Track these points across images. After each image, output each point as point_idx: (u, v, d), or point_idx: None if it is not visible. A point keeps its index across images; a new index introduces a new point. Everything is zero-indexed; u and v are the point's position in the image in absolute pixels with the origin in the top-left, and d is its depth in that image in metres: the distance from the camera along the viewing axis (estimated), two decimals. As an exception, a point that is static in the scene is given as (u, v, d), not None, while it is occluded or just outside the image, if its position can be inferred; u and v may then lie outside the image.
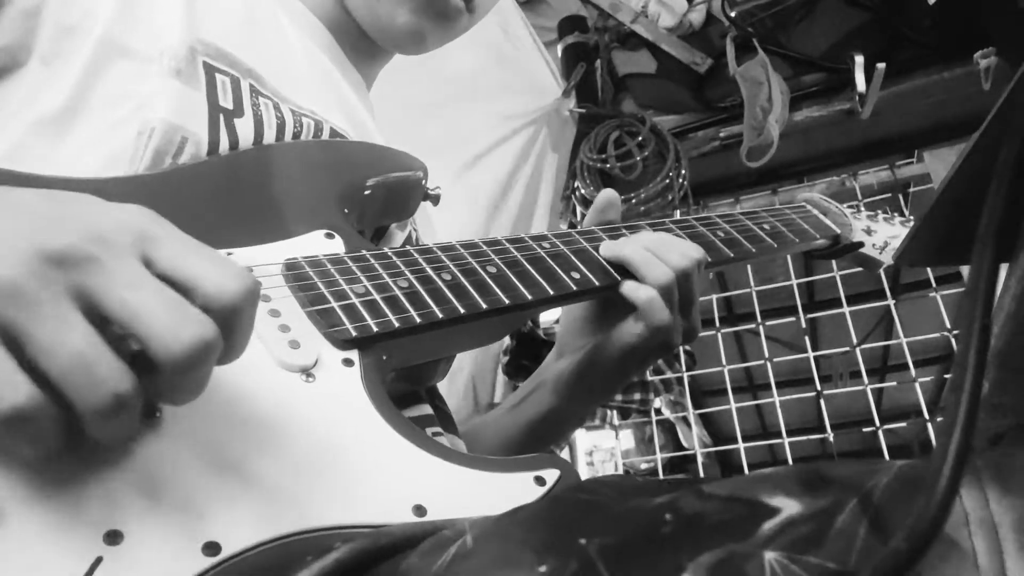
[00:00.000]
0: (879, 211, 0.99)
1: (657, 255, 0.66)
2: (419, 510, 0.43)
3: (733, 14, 2.04)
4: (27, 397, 0.31)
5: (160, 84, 0.59)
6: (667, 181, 1.96)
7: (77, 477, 0.36)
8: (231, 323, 0.36)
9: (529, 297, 0.59)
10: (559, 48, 2.30)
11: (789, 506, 0.32)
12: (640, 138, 2.00)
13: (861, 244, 0.91)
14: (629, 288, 0.65)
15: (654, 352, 0.67)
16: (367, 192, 0.67)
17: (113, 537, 0.35)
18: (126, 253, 0.35)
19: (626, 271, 0.66)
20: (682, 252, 0.67)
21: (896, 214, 0.99)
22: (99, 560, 0.34)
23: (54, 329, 0.32)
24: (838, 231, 0.89)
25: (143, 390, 0.34)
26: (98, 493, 0.36)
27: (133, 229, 0.36)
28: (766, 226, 0.81)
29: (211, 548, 0.36)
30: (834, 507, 0.31)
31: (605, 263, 0.66)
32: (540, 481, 0.47)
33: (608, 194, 0.75)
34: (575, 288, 0.62)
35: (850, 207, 0.96)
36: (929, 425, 1.95)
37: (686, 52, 2.14)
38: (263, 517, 0.38)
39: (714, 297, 2.22)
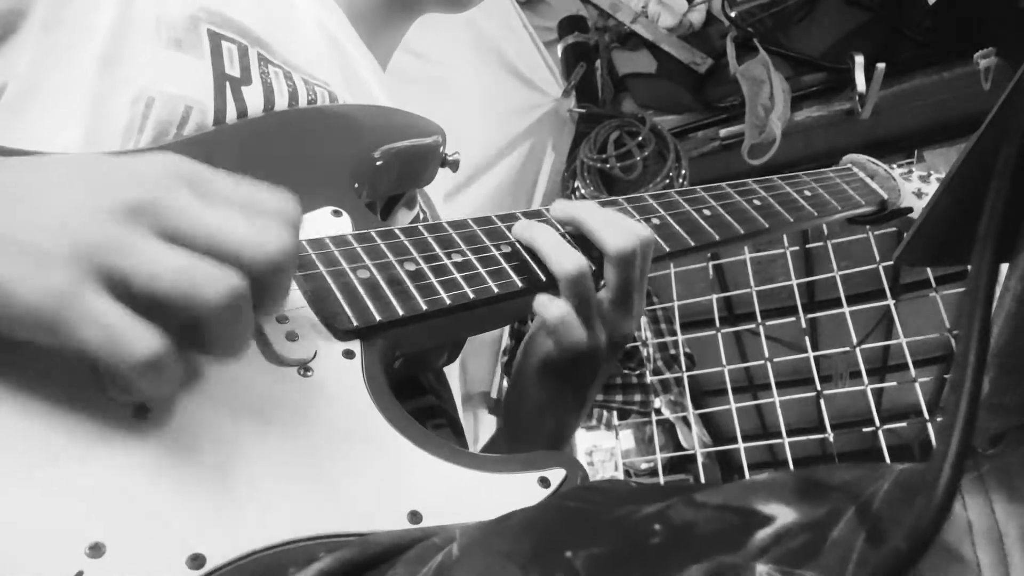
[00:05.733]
0: (931, 172, 0.90)
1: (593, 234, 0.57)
2: (415, 516, 0.41)
3: (733, 14, 2.03)
4: (157, 341, 0.33)
5: (159, 56, 0.57)
6: (667, 181, 1.96)
7: (61, 485, 0.35)
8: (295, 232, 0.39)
9: (543, 279, 0.55)
10: (559, 48, 2.30)
11: (784, 514, 0.30)
12: (640, 138, 2.00)
13: (910, 210, 0.84)
14: (540, 304, 0.55)
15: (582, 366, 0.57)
16: (378, 163, 0.63)
17: (96, 550, 0.34)
18: (185, 191, 0.37)
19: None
20: (626, 229, 0.56)
21: None
22: (80, 575, 0.33)
23: (152, 260, 0.34)
24: (885, 196, 0.82)
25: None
26: (81, 503, 0.35)
27: (175, 172, 0.38)
28: (807, 192, 0.75)
29: (196, 560, 0.35)
30: (830, 516, 0.30)
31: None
32: (544, 482, 0.45)
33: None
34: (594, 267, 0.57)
35: (901, 168, 0.88)
36: (929, 425, 1.94)
37: (686, 52, 2.14)
38: (251, 527, 0.37)
39: (714, 297, 2.21)
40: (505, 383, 2.07)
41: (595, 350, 0.57)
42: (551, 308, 0.54)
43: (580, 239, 0.58)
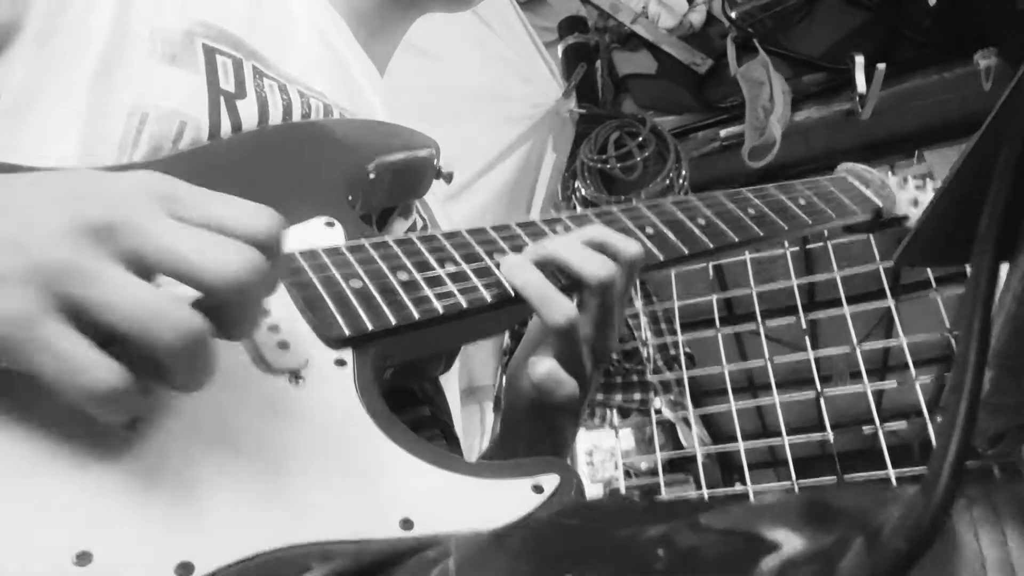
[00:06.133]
0: (927, 179, 0.91)
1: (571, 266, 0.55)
2: (406, 524, 0.40)
3: (733, 15, 2.03)
4: (116, 376, 0.33)
5: (154, 71, 0.57)
6: (667, 182, 1.96)
7: (49, 494, 0.35)
8: (270, 253, 0.37)
9: None
10: (559, 48, 2.30)
11: (790, 541, 0.30)
12: (640, 139, 2.00)
13: (905, 218, 0.84)
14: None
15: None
16: (371, 176, 0.63)
17: (83, 558, 0.33)
18: (157, 212, 0.36)
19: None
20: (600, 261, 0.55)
21: None
22: None
23: (113, 289, 0.33)
24: (880, 204, 0.82)
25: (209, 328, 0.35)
26: (69, 512, 0.35)
27: (154, 191, 0.37)
28: (801, 200, 0.75)
29: (184, 568, 0.35)
30: (838, 546, 0.29)
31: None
32: (538, 489, 0.44)
33: None
34: None
35: (896, 175, 0.88)
36: (929, 425, 1.95)
37: (686, 53, 2.14)
38: (239, 534, 0.37)
39: (714, 297, 2.22)
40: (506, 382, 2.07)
41: (583, 383, 0.56)
42: (538, 368, 0.53)
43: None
